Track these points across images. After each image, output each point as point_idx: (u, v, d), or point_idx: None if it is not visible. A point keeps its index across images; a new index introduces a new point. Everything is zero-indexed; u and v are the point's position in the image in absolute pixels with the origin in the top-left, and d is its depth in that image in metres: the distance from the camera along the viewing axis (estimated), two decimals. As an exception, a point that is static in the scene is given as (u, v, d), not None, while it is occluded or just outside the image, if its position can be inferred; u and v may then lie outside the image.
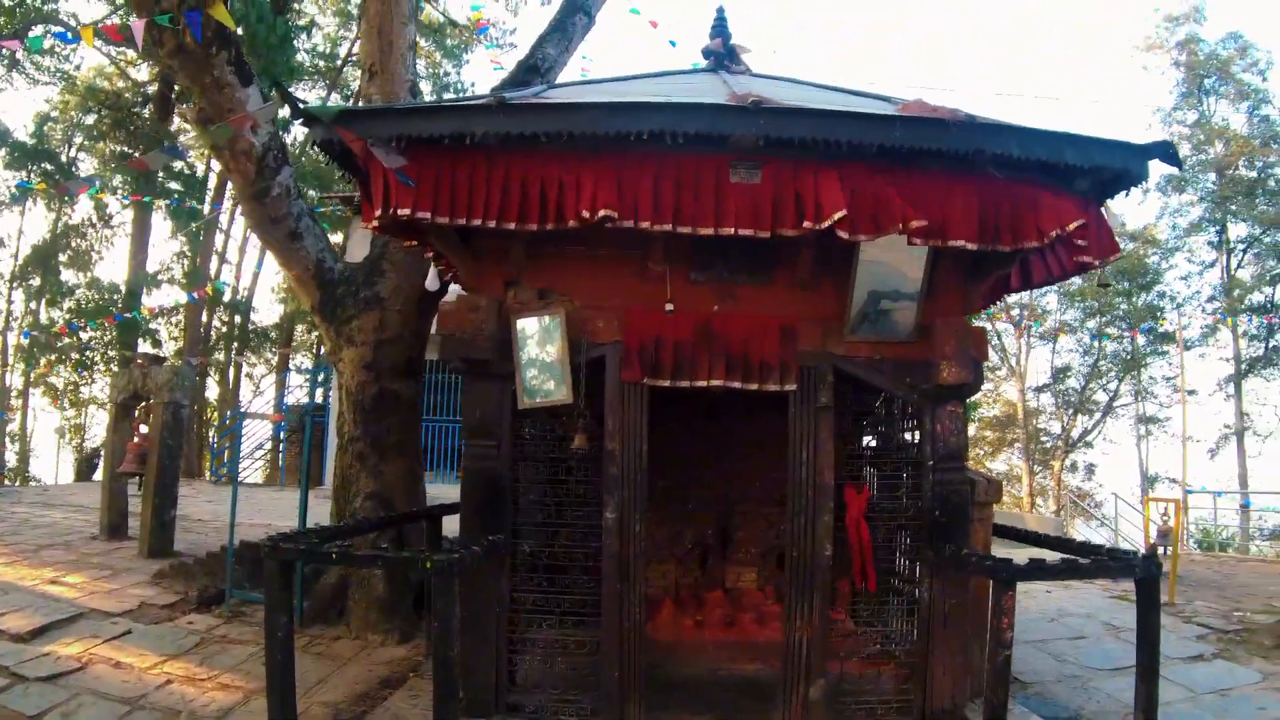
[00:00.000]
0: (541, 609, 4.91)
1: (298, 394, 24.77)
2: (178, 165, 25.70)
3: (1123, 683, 6.48)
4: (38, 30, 21.35)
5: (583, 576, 4.88)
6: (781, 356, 4.74)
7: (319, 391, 19.28)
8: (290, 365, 29.47)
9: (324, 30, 28.13)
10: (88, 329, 24.29)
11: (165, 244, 30.23)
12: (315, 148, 4.47)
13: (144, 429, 9.11)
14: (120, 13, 20.42)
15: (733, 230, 4.12)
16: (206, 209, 24.26)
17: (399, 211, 4.10)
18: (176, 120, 23.19)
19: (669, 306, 4.80)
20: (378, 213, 4.22)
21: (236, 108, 5.90)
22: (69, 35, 12.77)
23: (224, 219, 28.26)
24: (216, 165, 26.77)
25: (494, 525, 4.71)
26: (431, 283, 6.32)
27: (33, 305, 29.20)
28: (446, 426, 16.27)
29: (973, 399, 17.12)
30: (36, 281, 28.64)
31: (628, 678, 4.70)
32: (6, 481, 23.29)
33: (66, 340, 26.90)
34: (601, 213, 4.05)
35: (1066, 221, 4.23)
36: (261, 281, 31.96)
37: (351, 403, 7.30)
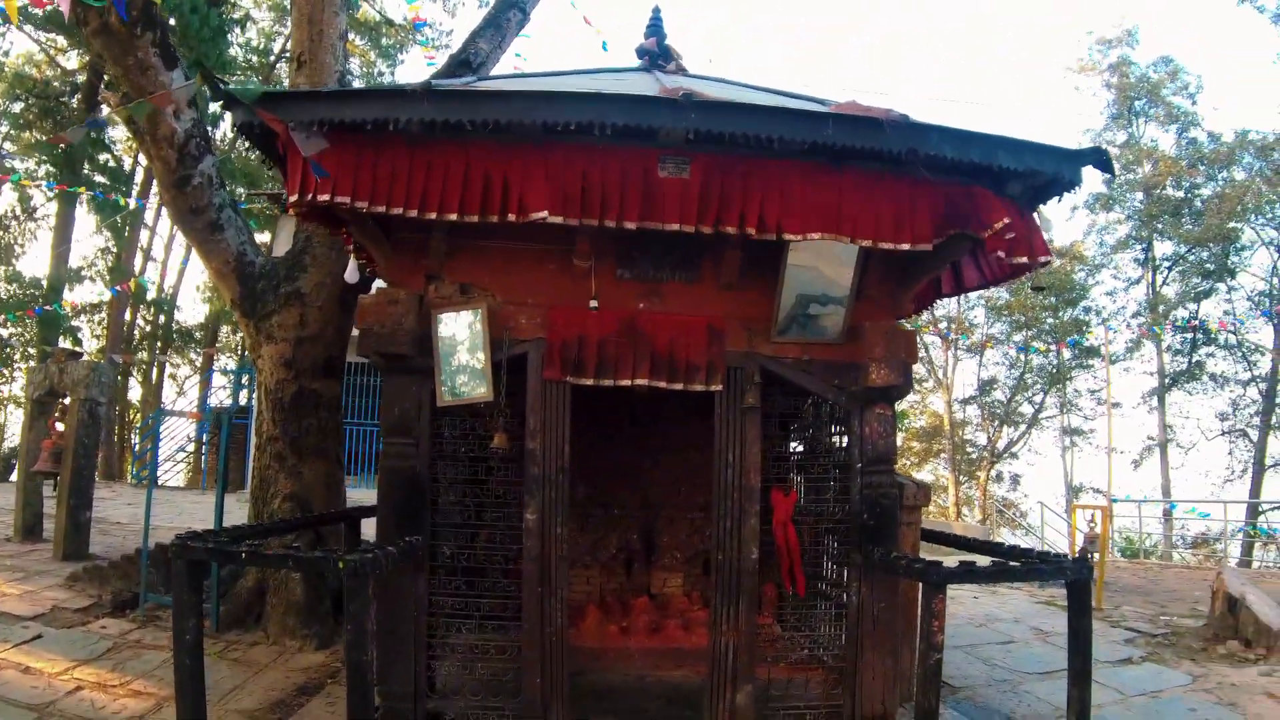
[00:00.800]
0: (461, 613, 4.75)
1: (221, 396, 24.17)
2: (103, 157, 25.06)
3: (1053, 686, 6.56)
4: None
5: (503, 580, 4.76)
6: (708, 356, 4.68)
7: (242, 394, 18.81)
8: (214, 366, 28.89)
9: (259, 25, 27.60)
10: (7, 324, 23.37)
11: (89, 238, 29.20)
12: (237, 131, 4.31)
13: (60, 427, 8.76)
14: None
15: (660, 224, 4.05)
16: (132, 204, 23.53)
17: (318, 197, 3.95)
18: (104, 110, 22.49)
19: (594, 303, 4.71)
20: (294, 198, 4.06)
21: (160, 90, 5.70)
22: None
23: (150, 215, 27.55)
24: (144, 160, 26.16)
25: (412, 526, 4.55)
26: (351, 275, 6.15)
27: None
28: (368, 430, 16.01)
29: (901, 409, 17.33)
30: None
31: (550, 684, 4.59)
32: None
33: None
34: (534, 215, 3.99)
35: (997, 223, 4.23)
36: (187, 280, 31.42)
37: (271, 401, 7.08)
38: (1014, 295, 28.45)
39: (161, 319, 29.79)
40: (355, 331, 7.22)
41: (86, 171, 23.49)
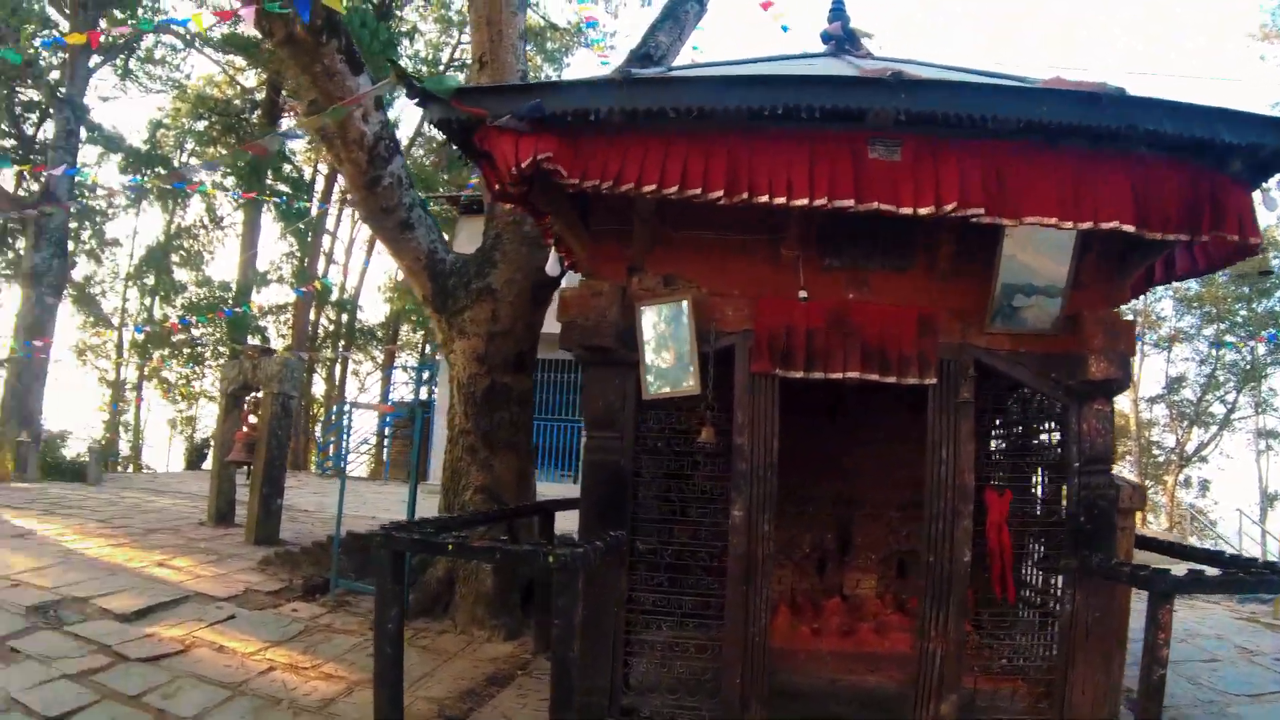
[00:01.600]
0: (660, 609, 4.70)
1: (402, 391, 25.19)
2: (285, 168, 26.50)
3: (1265, 710, 6.03)
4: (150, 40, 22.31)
5: (705, 577, 4.67)
6: (920, 348, 4.46)
7: (423, 389, 19.58)
8: (395, 363, 30.14)
9: (426, 37, 28.59)
10: (199, 325, 25.08)
11: (274, 244, 31.05)
12: (431, 126, 4.36)
13: (253, 419, 9.26)
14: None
15: (875, 205, 3.85)
16: (314, 210, 24.88)
17: (522, 165, 3.84)
18: (286, 122, 23.81)
19: (803, 294, 4.55)
20: (496, 188, 4.09)
21: (347, 95, 5.90)
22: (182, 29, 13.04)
23: (330, 221, 29.02)
24: (324, 168, 27.57)
25: (614, 520, 4.53)
26: (552, 267, 6.16)
27: (147, 302, 30.34)
28: (555, 425, 16.34)
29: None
30: (150, 280, 29.78)
31: (749, 684, 4.47)
32: (118, 469, 24.19)
33: (178, 336, 28.00)
34: (745, 195, 3.87)
35: (1225, 205, 3.88)
36: (367, 281, 32.82)
37: (462, 395, 7.25)
38: (1204, 286, 26.40)
39: (344, 318, 31.33)
40: (544, 329, 7.43)
41: (270, 180, 24.90)
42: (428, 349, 28.54)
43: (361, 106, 6.16)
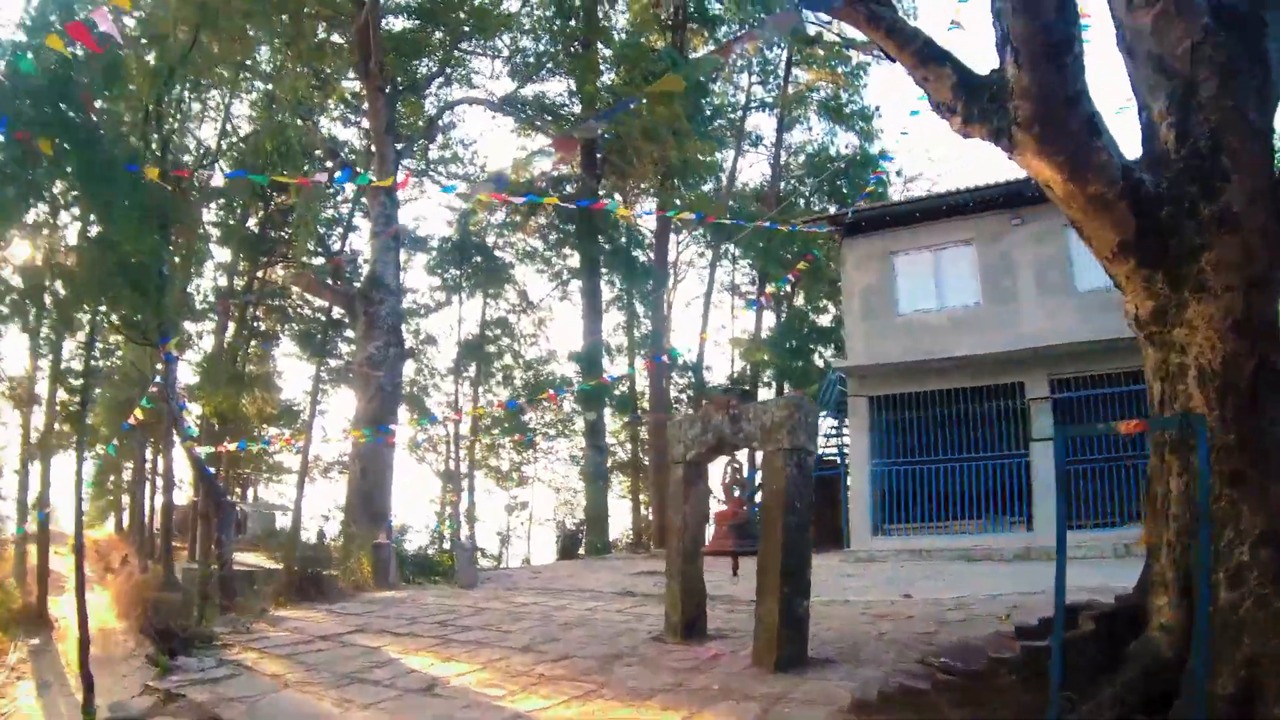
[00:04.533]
0: None
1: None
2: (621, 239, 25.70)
3: None
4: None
5: None
6: None
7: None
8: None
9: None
10: (528, 405, 24.01)
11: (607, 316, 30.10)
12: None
13: (736, 492, 6.60)
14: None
15: None
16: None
17: None
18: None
19: None
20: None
21: None
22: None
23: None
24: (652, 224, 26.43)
25: None
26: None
27: (478, 390, 30.00)
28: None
29: None
30: (472, 370, 29.55)
31: None
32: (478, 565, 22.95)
33: (504, 421, 27.32)
34: None
35: None
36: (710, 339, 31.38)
37: (1212, 389, 4.01)
38: None
39: (690, 378, 30.21)
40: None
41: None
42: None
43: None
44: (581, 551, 21.07)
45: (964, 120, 4.55)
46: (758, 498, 12.20)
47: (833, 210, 30.34)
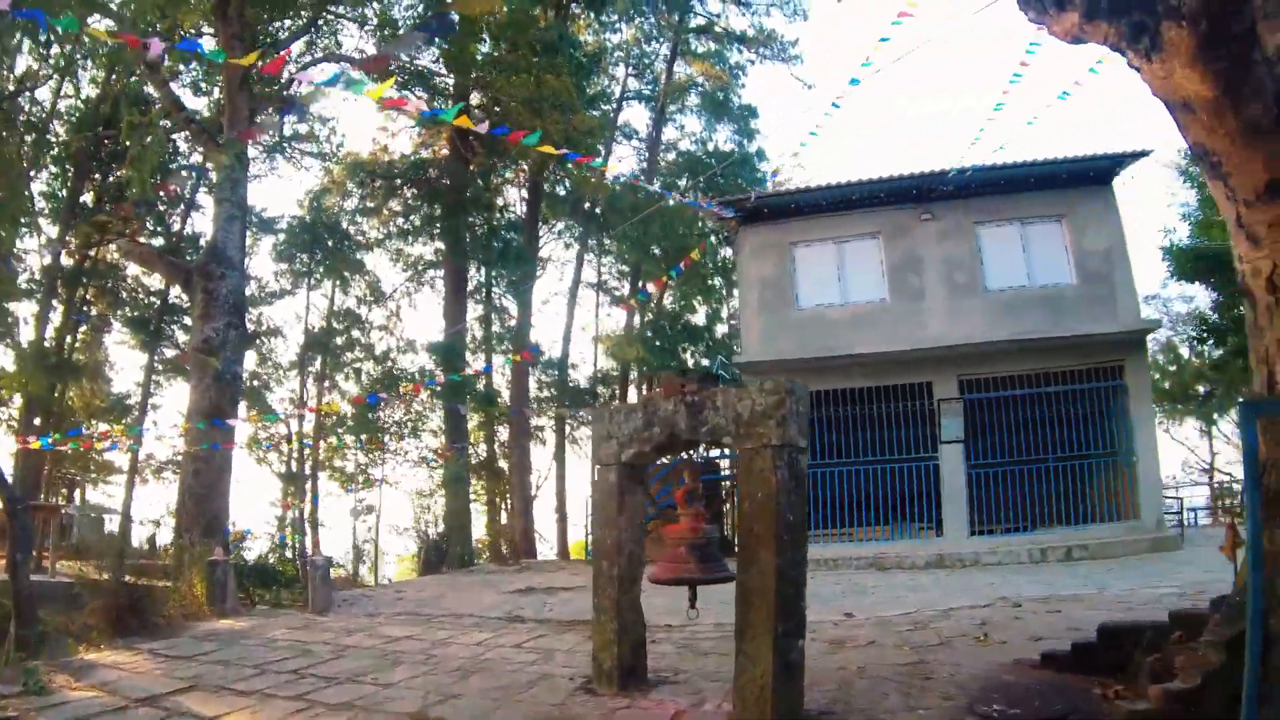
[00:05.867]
0: None
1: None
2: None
3: None
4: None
5: None
6: None
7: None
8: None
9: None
10: (391, 398, 21.78)
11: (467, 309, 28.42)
12: None
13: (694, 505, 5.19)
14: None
15: None
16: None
17: None
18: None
19: None
20: None
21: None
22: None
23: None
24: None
25: None
26: None
27: (322, 386, 27.52)
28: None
29: None
30: (317, 364, 27.13)
31: None
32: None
33: (350, 419, 25.04)
34: None
35: None
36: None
37: None
38: None
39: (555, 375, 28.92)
40: None
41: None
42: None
43: None
44: (444, 566, 18.97)
45: (1086, 14, 3.38)
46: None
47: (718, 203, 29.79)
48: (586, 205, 26.64)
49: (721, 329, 32.15)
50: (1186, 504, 19.86)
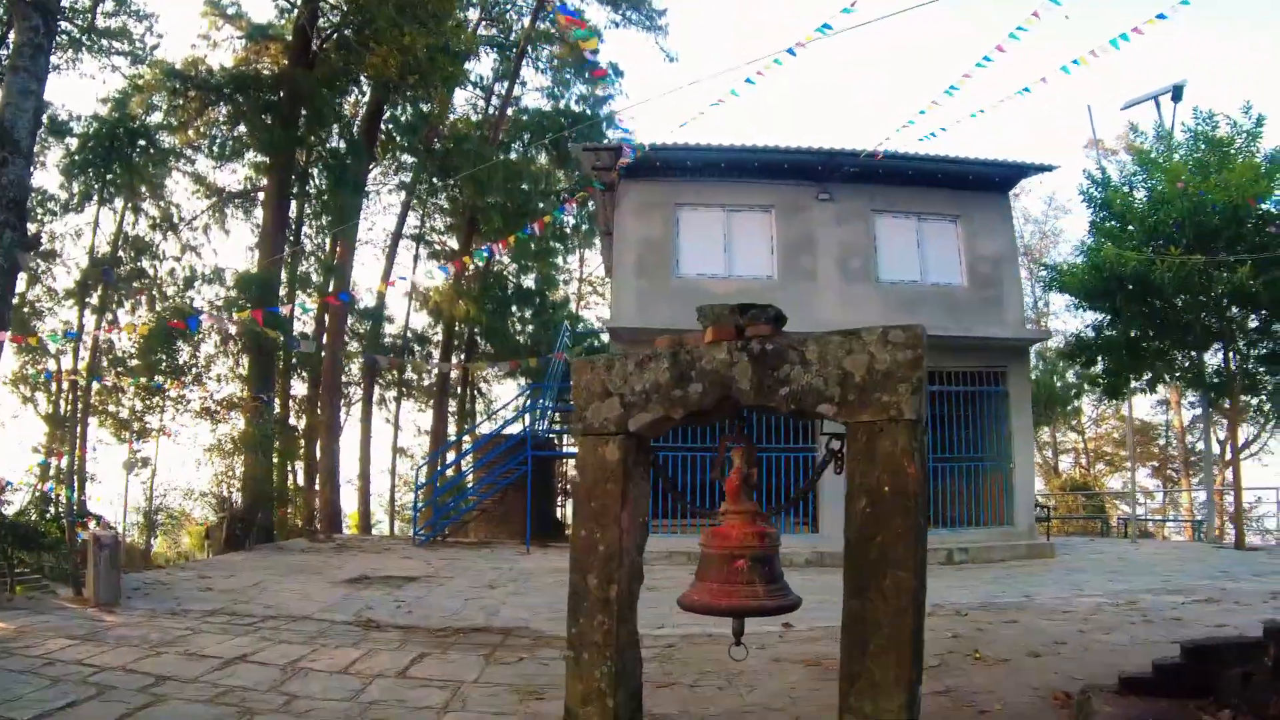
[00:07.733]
0: None
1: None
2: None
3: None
4: None
5: None
6: None
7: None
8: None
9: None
10: (218, 320, 18.45)
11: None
12: None
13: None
14: None
15: None
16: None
17: None
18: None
19: None
20: None
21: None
22: None
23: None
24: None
25: None
26: None
27: (101, 318, 23.63)
28: None
29: None
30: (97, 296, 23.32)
31: None
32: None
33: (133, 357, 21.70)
34: None
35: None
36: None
37: None
38: None
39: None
40: None
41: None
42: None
43: None
44: (248, 543, 15.91)
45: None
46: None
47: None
48: (425, 143, 24.48)
49: (558, 295, 30.75)
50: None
